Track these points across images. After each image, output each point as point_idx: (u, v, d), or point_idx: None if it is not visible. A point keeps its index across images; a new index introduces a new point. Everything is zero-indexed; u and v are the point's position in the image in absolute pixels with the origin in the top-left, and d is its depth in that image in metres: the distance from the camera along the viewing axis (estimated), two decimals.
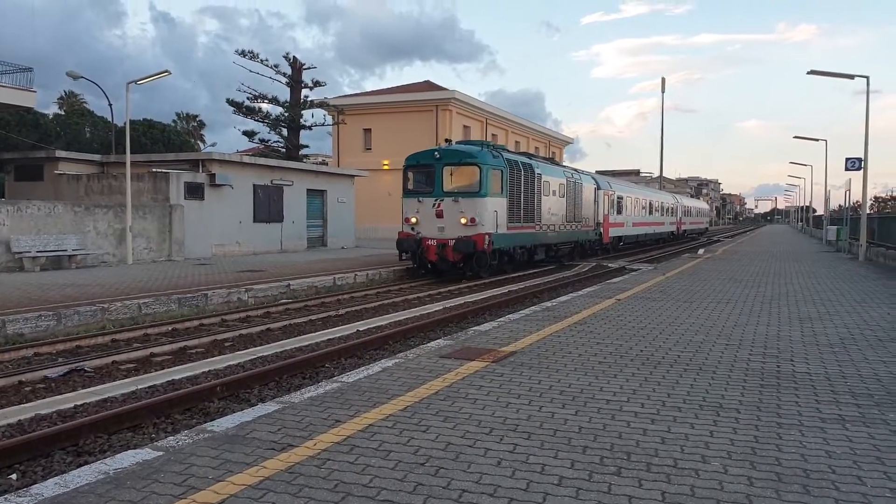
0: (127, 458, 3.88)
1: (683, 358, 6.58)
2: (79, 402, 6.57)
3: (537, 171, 21.97)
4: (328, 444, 4.16)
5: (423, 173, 19.24)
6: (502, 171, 19.19)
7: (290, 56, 34.01)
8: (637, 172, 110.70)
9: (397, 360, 6.54)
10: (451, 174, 18.69)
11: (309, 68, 34.77)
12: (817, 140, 37.50)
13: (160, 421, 6.19)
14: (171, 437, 4.33)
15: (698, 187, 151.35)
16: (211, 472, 3.69)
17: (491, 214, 18.42)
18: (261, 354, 8.94)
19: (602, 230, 29.44)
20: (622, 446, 4.07)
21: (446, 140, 20.27)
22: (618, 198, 32.64)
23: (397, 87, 47.90)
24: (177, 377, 7.67)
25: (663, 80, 71.17)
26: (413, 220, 18.90)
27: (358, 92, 45.29)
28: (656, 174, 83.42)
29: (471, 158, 18.50)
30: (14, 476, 4.81)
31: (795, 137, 35.76)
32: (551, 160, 27.61)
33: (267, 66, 32.69)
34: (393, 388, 5.50)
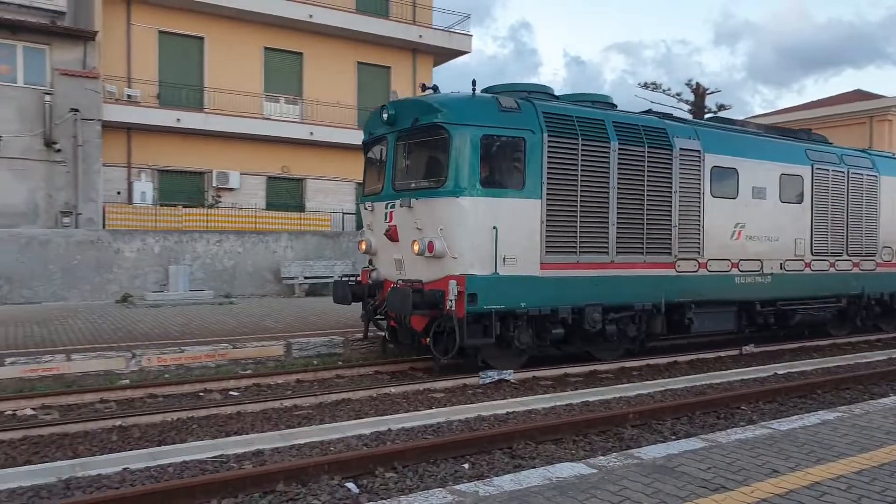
0: (566, 469, 4.16)
1: None
2: (510, 410, 7.36)
3: (680, 142, 10.42)
4: (767, 494, 3.81)
5: (377, 154, 10.27)
6: (525, 139, 8.93)
7: (693, 82, 33.28)
8: None
9: (839, 414, 5.70)
10: (407, 152, 9.62)
11: (713, 92, 33.48)
12: None
13: (579, 439, 6.50)
14: (602, 457, 4.51)
15: None
16: (645, 499, 3.70)
17: (474, 234, 8.64)
18: (670, 387, 8.75)
19: None
20: None
21: (423, 87, 10.00)
22: None
23: (816, 101, 42.58)
24: (590, 399, 8.01)
25: None
26: (363, 245, 10.41)
27: (768, 111, 41.69)
28: None
29: (431, 116, 8.93)
30: (466, 466, 5.60)
31: None
32: (775, 130, 13.68)
33: (668, 95, 32.59)
34: (839, 445, 4.78)
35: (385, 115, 9.49)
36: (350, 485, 5.04)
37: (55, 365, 8.89)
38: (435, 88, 9.65)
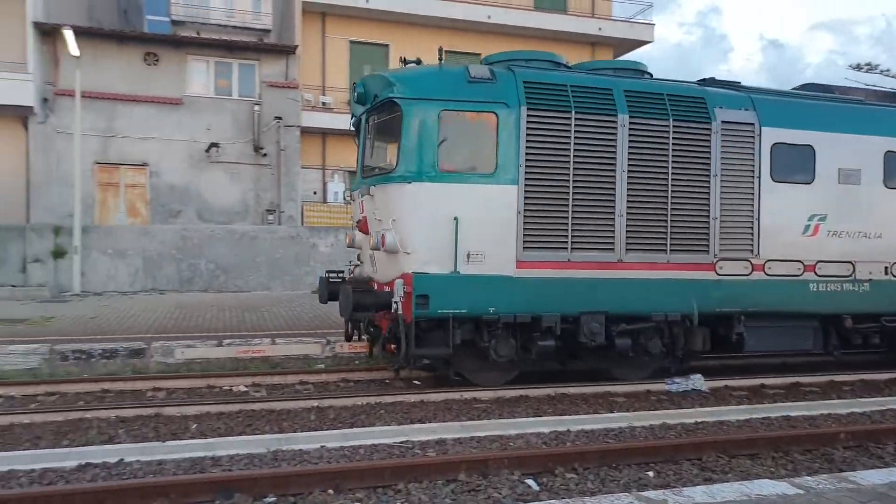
0: (766, 487, 3.83)
1: None
2: (699, 420, 6.92)
3: (723, 113, 8.37)
4: None
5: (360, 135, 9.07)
6: (496, 114, 7.55)
7: None
8: None
9: None
10: (373, 134, 8.53)
11: None
12: None
13: (779, 456, 5.95)
14: (809, 478, 4.09)
15: None
16: None
17: (430, 226, 7.45)
18: (891, 406, 7.71)
19: None
20: None
21: (403, 60, 8.37)
22: None
23: None
24: (792, 413, 7.30)
25: None
26: (348, 239, 9.51)
27: None
28: None
29: (387, 91, 7.76)
30: (651, 474, 5.34)
31: None
32: (890, 96, 10.50)
33: (886, 76, 28.65)
34: None
35: (355, 94, 8.45)
36: (530, 481, 5.03)
37: (262, 347, 9.90)
38: (418, 62, 8.22)
